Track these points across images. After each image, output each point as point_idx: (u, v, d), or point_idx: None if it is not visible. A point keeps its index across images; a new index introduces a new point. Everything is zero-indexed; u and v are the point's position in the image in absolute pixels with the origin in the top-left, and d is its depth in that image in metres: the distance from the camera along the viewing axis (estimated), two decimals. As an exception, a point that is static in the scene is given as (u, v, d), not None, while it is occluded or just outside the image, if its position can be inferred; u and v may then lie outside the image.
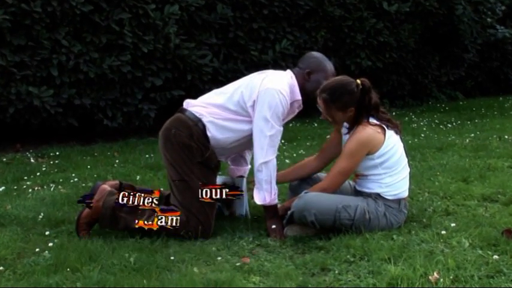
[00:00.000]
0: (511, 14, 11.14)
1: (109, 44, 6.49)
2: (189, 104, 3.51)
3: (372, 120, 3.28)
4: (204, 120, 3.41)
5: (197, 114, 3.42)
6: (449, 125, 7.42)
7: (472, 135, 6.45)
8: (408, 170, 3.40)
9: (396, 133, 3.34)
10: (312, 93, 3.42)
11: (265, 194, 3.38)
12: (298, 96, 3.47)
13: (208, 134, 3.40)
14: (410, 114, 8.47)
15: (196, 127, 3.39)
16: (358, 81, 3.26)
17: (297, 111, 3.59)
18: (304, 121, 7.75)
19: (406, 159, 3.40)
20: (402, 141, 3.41)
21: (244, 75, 7.48)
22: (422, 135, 6.63)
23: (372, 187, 3.32)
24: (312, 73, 3.48)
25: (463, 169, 4.68)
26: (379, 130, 3.26)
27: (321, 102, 3.29)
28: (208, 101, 3.50)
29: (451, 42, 9.79)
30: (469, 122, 7.63)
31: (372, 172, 3.29)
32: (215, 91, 3.60)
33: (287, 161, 5.32)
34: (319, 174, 3.73)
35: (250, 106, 3.37)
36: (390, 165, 3.28)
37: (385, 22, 8.52)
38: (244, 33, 7.60)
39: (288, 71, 3.55)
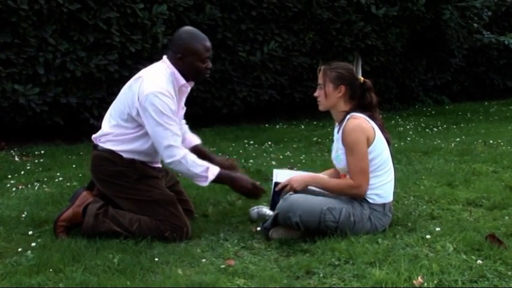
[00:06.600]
0: (497, 20, 11.21)
1: (96, 43, 6.46)
2: (96, 139, 3.47)
3: (362, 116, 3.30)
4: (114, 146, 3.37)
5: (106, 146, 3.39)
6: (435, 129, 7.45)
7: (458, 139, 6.49)
8: (393, 175, 3.41)
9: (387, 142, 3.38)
10: (193, 76, 3.40)
11: (203, 175, 3.30)
12: (183, 81, 3.38)
13: (124, 155, 3.37)
14: (397, 117, 8.50)
15: (113, 154, 3.37)
16: (362, 78, 3.37)
17: (189, 90, 3.50)
18: (291, 123, 7.71)
19: (392, 165, 3.41)
20: (391, 151, 3.42)
21: (231, 76, 7.64)
22: (409, 138, 6.66)
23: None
24: (183, 58, 3.34)
25: (448, 173, 4.71)
26: (368, 124, 3.28)
27: (321, 72, 3.37)
28: (107, 130, 3.44)
29: (437, 46, 9.85)
30: (454, 127, 7.67)
31: None
32: (109, 111, 3.55)
33: (273, 162, 5.32)
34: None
35: (136, 115, 3.31)
36: (376, 164, 3.28)
37: (372, 25, 8.54)
38: (233, 34, 7.60)
39: (163, 60, 3.41)
